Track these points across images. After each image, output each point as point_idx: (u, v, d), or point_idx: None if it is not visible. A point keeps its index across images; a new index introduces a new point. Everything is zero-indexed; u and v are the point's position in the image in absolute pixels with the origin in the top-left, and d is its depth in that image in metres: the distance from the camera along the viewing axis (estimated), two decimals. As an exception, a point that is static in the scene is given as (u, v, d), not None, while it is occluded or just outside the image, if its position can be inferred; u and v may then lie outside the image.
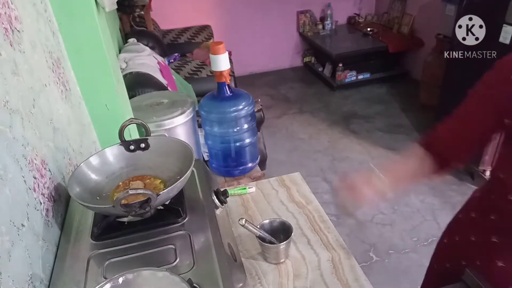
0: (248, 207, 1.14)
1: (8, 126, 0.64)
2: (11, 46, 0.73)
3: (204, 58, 3.41)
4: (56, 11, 1.03)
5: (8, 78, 0.68)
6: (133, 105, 1.42)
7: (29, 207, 0.66)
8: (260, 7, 4.23)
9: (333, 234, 1.00)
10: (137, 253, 0.70)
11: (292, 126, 3.56)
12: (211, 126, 1.49)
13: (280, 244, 0.89)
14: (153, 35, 3.30)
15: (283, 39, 4.52)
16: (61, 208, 0.83)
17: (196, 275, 0.63)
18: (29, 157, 0.70)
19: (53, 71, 0.96)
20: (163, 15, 3.86)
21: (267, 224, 0.96)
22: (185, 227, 0.75)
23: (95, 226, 0.76)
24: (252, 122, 1.51)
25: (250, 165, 1.60)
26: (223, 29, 4.22)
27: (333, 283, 0.87)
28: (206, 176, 0.92)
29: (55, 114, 0.90)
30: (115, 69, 1.21)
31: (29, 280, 0.61)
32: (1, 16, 0.71)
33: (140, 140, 0.91)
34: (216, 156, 1.58)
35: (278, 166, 2.88)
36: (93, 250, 0.72)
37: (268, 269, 0.91)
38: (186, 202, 0.81)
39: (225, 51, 1.34)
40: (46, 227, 0.72)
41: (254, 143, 1.58)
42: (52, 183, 0.80)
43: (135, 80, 2.06)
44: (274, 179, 1.26)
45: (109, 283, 0.58)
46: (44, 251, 0.69)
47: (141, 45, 2.73)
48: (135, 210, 0.69)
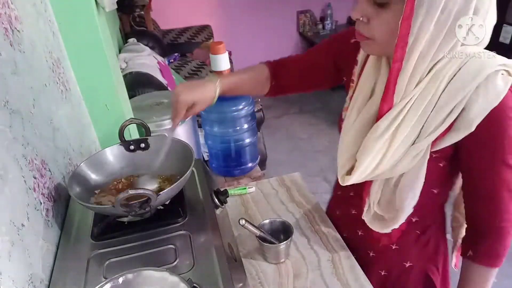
0: (248, 207, 1.14)
1: (8, 126, 0.64)
2: (11, 46, 0.73)
3: (204, 58, 3.42)
4: (56, 11, 1.03)
5: (8, 78, 0.68)
6: (133, 105, 1.42)
7: (29, 207, 0.66)
8: (260, 7, 4.23)
9: (333, 234, 1.00)
10: (137, 253, 0.70)
11: (292, 126, 3.57)
12: (211, 126, 1.49)
13: (280, 244, 0.89)
14: (153, 35, 3.30)
15: (283, 39, 4.52)
16: (61, 208, 0.83)
17: (196, 275, 0.63)
18: (29, 157, 0.70)
19: (53, 71, 0.96)
20: (163, 15, 3.86)
21: (267, 224, 0.96)
22: (185, 227, 0.75)
23: (95, 226, 0.76)
24: (252, 122, 1.51)
25: (250, 165, 1.60)
26: (223, 29, 4.22)
27: (333, 283, 0.87)
28: (206, 176, 0.92)
29: (55, 114, 0.90)
30: (115, 69, 1.21)
31: (29, 280, 0.61)
32: (1, 16, 0.71)
33: (140, 140, 0.91)
34: (216, 156, 1.58)
35: (278, 166, 2.88)
36: (93, 250, 0.72)
37: (268, 269, 0.91)
38: (186, 202, 0.81)
39: (225, 51, 1.34)
40: (46, 227, 0.72)
41: (254, 143, 1.58)
42: (52, 183, 0.80)
43: (135, 80, 2.06)
44: (274, 179, 1.26)
45: (109, 283, 0.58)
46: (44, 251, 0.69)
47: (141, 45, 2.73)
48: (135, 210, 0.69)
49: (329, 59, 0.95)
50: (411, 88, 0.70)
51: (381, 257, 0.94)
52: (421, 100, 0.69)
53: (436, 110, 0.69)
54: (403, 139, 0.71)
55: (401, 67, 0.68)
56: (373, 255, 0.95)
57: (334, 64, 0.95)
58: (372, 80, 0.78)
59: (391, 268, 0.94)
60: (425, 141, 0.71)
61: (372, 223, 0.87)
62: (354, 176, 0.79)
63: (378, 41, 0.71)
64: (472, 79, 0.65)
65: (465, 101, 0.66)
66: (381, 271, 0.95)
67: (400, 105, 0.70)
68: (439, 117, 0.69)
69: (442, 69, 0.68)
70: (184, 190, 0.84)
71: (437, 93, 0.68)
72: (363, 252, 0.96)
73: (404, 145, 0.72)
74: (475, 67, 0.66)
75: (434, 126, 0.69)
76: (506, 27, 2.13)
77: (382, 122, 0.72)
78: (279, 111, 3.79)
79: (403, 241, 0.89)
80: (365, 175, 0.78)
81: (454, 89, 0.67)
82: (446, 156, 0.75)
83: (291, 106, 3.88)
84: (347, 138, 0.81)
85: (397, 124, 0.71)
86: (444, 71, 0.67)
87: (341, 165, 0.84)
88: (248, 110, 1.44)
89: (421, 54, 0.66)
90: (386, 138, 0.72)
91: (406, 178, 0.77)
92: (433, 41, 0.65)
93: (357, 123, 0.79)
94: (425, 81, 0.69)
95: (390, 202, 0.81)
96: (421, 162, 0.73)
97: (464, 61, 0.67)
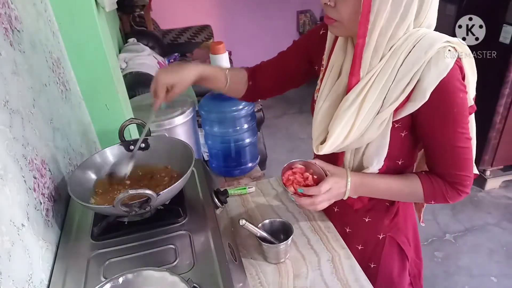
0: (248, 207, 1.14)
1: (8, 126, 0.64)
2: (11, 46, 0.73)
3: (204, 58, 3.41)
4: (56, 11, 1.03)
5: (8, 78, 0.68)
6: (133, 105, 1.42)
7: (29, 207, 0.66)
8: (260, 7, 4.23)
9: (333, 234, 1.00)
10: (137, 253, 0.70)
11: (292, 126, 3.57)
12: (211, 126, 1.49)
13: (280, 244, 0.89)
14: (153, 35, 3.30)
15: (283, 39, 4.50)
16: (61, 208, 0.83)
17: (196, 275, 0.63)
18: (29, 157, 0.70)
19: (53, 71, 0.96)
20: (163, 15, 3.85)
21: (267, 224, 0.96)
22: (185, 227, 0.75)
23: (95, 226, 0.76)
24: (252, 122, 1.51)
25: (250, 165, 1.60)
26: (223, 29, 4.22)
27: (333, 283, 0.87)
28: (206, 176, 0.92)
29: (55, 114, 0.90)
30: (115, 69, 1.21)
31: (29, 280, 0.61)
32: (1, 16, 0.71)
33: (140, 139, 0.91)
34: (216, 156, 1.58)
35: (278, 166, 2.87)
36: (93, 250, 0.72)
37: (268, 269, 0.91)
38: (186, 202, 0.81)
39: (225, 51, 1.35)
40: (46, 227, 0.72)
41: (254, 143, 1.58)
42: (52, 183, 0.80)
43: (135, 80, 2.06)
44: (274, 179, 1.26)
45: (109, 283, 0.58)
46: (44, 251, 0.69)
47: (141, 45, 2.74)
48: (135, 210, 0.69)
49: (300, 55, 1.03)
50: (375, 63, 0.79)
51: (357, 232, 1.03)
52: (383, 74, 0.78)
53: (395, 82, 0.78)
54: (368, 110, 0.81)
55: (364, 42, 0.77)
56: (349, 230, 1.04)
57: (306, 59, 1.02)
58: (340, 60, 0.87)
59: (366, 241, 1.03)
60: (387, 110, 0.80)
61: None
62: (327, 145, 0.87)
63: (345, 22, 0.79)
64: (425, 53, 0.75)
65: (419, 73, 0.76)
66: (358, 246, 1.03)
67: (366, 79, 0.79)
68: (398, 88, 0.78)
69: (400, 46, 0.77)
70: (184, 190, 0.84)
71: (396, 66, 0.77)
72: (340, 229, 1.03)
73: (369, 115, 0.81)
74: (427, 43, 0.76)
75: (395, 96, 0.78)
76: (506, 27, 2.13)
77: (350, 95, 0.81)
78: (279, 111, 3.79)
79: (375, 213, 1.00)
80: (336, 144, 0.86)
81: (410, 63, 0.76)
82: (406, 125, 0.84)
83: (291, 106, 3.88)
84: (320, 113, 0.90)
85: (363, 96, 0.80)
86: (401, 47, 0.77)
87: (315, 137, 0.93)
88: (248, 110, 1.44)
89: (382, 31, 0.76)
90: (354, 109, 0.81)
91: (373, 145, 0.86)
92: (391, 19, 0.74)
93: (328, 99, 0.88)
94: (386, 57, 0.78)
95: (360, 168, 0.92)
96: (385, 130, 0.83)
97: (418, 39, 0.77)
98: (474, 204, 2.49)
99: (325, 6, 0.80)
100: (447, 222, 2.33)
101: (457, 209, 2.41)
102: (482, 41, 1.66)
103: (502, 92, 2.25)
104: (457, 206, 2.43)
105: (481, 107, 0.84)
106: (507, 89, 2.24)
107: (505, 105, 2.30)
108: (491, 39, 2.23)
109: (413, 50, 0.76)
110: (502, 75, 2.21)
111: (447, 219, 2.35)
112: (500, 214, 2.41)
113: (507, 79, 2.21)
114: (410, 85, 0.77)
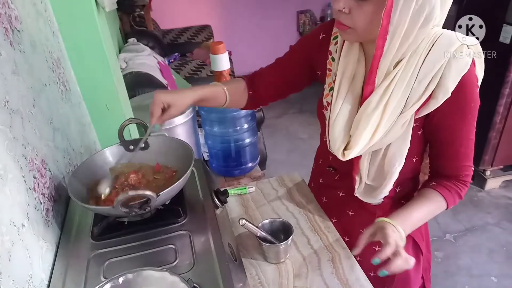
0: (248, 207, 1.14)
1: (8, 126, 0.64)
2: (11, 46, 0.73)
3: (204, 58, 3.42)
4: (56, 11, 1.03)
5: (8, 78, 0.68)
6: (133, 105, 1.42)
7: (29, 207, 0.66)
8: (260, 7, 4.23)
9: (333, 234, 1.00)
10: (137, 253, 0.70)
11: (292, 126, 3.57)
12: (211, 126, 1.49)
13: (280, 244, 0.89)
14: (153, 35, 3.30)
15: (283, 39, 4.51)
16: (61, 208, 0.83)
17: (196, 275, 0.63)
18: (29, 157, 0.70)
19: (53, 71, 0.96)
20: (163, 15, 3.86)
21: (267, 224, 0.96)
22: (185, 227, 0.75)
23: (95, 226, 0.76)
24: (252, 122, 1.51)
25: (250, 165, 1.60)
26: (223, 29, 4.22)
27: (333, 283, 0.87)
28: (206, 176, 0.92)
29: (55, 114, 0.90)
30: (115, 69, 1.21)
31: (29, 280, 0.61)
32: (1, 16, 0.71)
33: (140, 140, 0.91)
34: (216, 156, 1.58)
35: (278, 166, 2.88)
36: (93, 250, 0.72)
37: (268, 269, 0.91)
38: (186, 202, 0.81)
39: (225, 51, 1.35)
40: (46, 227, 0.72)
41: (254, 143, 1.58)
42: (52, 183, 0.80)
43: (135, 80, 2.06)
44: (274, 179, 1.26)
45: (109, 283, 0.58)
46: (44, 251, 0.69)
47: (141, 45, 2.73)
48: (135, 210, 0.69)
49: (301, 61, 1.02)
50: (391, 69, 0.80)
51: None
52: (405, 75, 0.79)
53: (417, 82, 0.79)
54: (392, 110, 0.82)
55: (382, 53, 0.78)
56: None
57: (307, 64, 1.01)
58: (351, 64, 0.87)
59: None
60: (411, 110, 0.81)
61: (364, 196, 0.96)
62: (355, 150, 0.86)
63: (359, 30, 0.78)
64: (445, 52, 0.77)
65: (441, 71, 0.77)
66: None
67: (386, 82, 0.80)
68: (421, 87, 0.79)
69: (418, 46, 0.79)
70: (184, 190, 0.84)
71: (417, 67, 0.79)
72: (356, 232, 0.99)
73: (393, 115, 0.82)
74: (444, 43, 0.78)
75: (418, 95, 0.80)
76: (506, 27, 2.13)
77: (373, 98, 0.82)
78: (279, 111, 3.78)
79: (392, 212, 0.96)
80: (362, 147, 0.86)
81: (431, 62, 0.78)
82: (422, 124, 0.86)
83: (291, 106, 3.88)
84: (341, 118, 0.89)
85: (387, 98, 0.81)
86: (419, 49, 0.79)
87: (337, 143, 0.90)
88: (248, 110, 1.44)
89: (401, 42, 0.76)
90: (379, 112, 0.82)
91: (394, 146, 0.87)
92: (410, 30, 0.74)
93: (346, 104, 0.88)
94: (406, 59, 0.79)
95: (379, 171, 0.92)
96: (407, 129, 0.84)
97: (435, 38, 0.78)
98: (474, 204, 2.49)
99: (338, 13, 0.78)
100: (447, 222, 2.33)
101: (457, 209, 2.41)
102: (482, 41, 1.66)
103: (502, 92, 2.25)
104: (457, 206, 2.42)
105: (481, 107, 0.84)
106: (507, 89, 2.24)
107: (505, 105, 2.30)
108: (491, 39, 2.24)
109: (432, 49, 0.78)
110: (502, 75, 2.21)
111: (447, 219, 2.35)
112: (500, 214, 2.41)
113: (507, 79, 2.21)
114: (433, 84, 0.78)
